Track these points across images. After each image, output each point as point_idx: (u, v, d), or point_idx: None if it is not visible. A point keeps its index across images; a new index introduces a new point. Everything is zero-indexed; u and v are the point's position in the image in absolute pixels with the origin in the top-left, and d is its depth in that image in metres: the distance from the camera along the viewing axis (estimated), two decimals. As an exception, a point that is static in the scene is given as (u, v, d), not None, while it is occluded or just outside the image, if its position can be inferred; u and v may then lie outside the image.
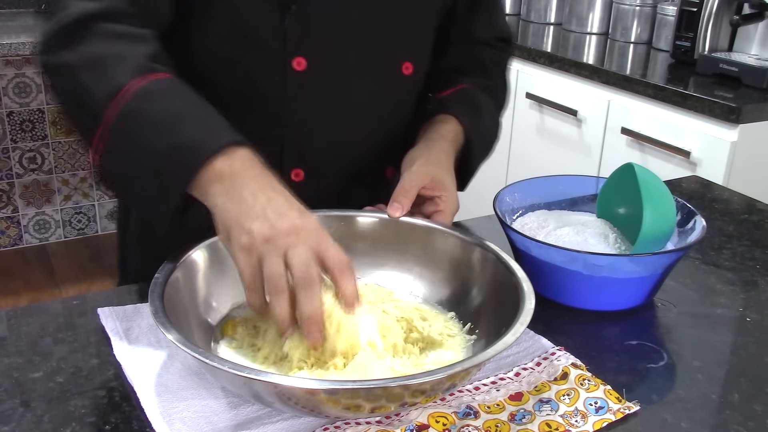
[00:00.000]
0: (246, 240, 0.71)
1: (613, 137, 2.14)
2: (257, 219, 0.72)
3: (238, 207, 0.73)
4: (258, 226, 0.71)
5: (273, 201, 0.74)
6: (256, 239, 0.71)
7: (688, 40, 2.19)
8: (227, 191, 0.74)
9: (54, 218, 3.14)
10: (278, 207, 0.74)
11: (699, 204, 1.24)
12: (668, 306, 0.94)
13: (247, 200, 0.73)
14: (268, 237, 0.71)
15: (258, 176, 0.76)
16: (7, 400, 0.72)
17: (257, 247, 0.71)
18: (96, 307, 0.87)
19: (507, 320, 0.74)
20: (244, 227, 0.72)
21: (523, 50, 2.42)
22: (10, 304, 2.69)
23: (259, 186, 0.75)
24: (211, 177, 0.75)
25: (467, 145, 1.02)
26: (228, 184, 0.74)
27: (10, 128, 2.95)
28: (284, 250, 0.71)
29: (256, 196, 0.74)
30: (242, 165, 0.75)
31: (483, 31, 1.12)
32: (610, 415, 0.72)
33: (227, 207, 0.74)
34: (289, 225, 0.72)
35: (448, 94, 1.06)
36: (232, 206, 0.73)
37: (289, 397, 0.65)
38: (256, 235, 0.71)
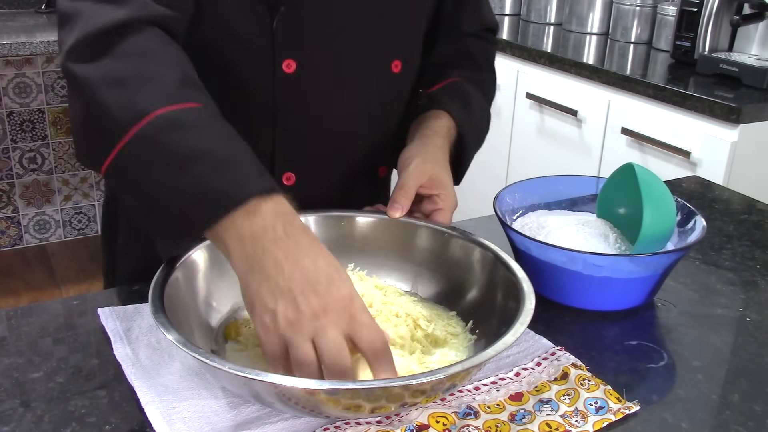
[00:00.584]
0: (269, 321, 0.66)
1: (613, 137, 2.14)
2: (281, 298, 0.66)
3: (260, 280, 0.67)
4: (282, 308, 0.66)
5: (299, 271, 0.67)
6: (280, 323, 0.66)
7: (689, 40, 2.19)
8: (248, 256, 0.68)
9: (54, 218, 3.14)
10: (306, 279, 0.67)
11: (699, 204, 1.24)
12: (668, 306, 0.94)
13: (271, 273, 0.67)
14: (293, 321, 0.65)
15: (283, 237, 0.68)
16: (7, 400, 0.72)
17: (281, 330, 0.66)
18: (96, 307, 0.87)
19: (507, 320, 0.74)
20: (267, 306, 0.66)
21: (524, 50, 2.42)
22: (10, 304, 2.69)
23: (283, 254, 0.67)
24: (231, 234, 0.68)
25: (460, 139, 1.02)
26: (249, 248, 0.68)
27: (10, 128, 2.95)
28: (312, 335, 0.65)
29: (281, 267, 0.67)
30: (264, 223, 0.68)
31: (470, 23, 1.11)
32: (610, 415, 0.72)
33: (248, 277, 0.68)
34: (317, 305, 0.66)
35: (438, 88, 1.06)
36: (253, 278, 0.67)
37: (289, 398, 0.65)
38: (280, 317, 0.66)
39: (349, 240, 0.93)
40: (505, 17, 2.93)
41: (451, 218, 0.94)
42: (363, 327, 0.66)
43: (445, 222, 0.93)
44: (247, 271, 0.68)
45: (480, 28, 1.13)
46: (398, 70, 0.99)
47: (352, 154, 1.02)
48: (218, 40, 0.88)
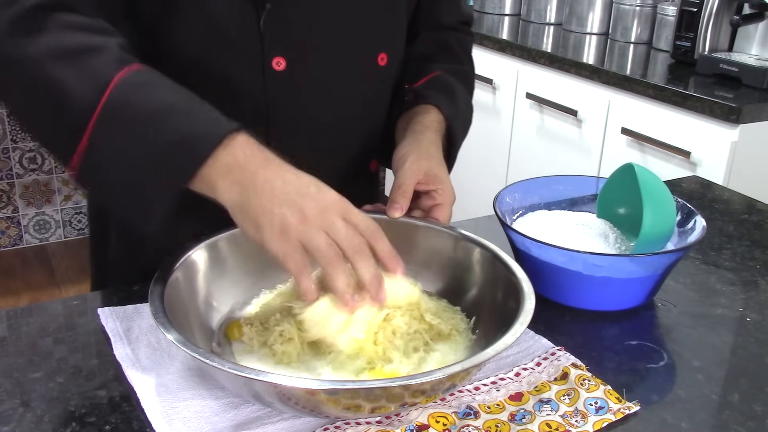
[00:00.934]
0: (280, 225, 0.71)
1: (613, 137, 2.14)
2: (284, 205, 0.72)
3: (258, 197, 0.73)
4: (289, 212, 0.71)
5: (290, 183, 0.74)
6: (292, 225, 0.71)
7: (688, 41, 2.19)
8: (240, 183, 0.73)
9: (54, 218, 3.14)
10: (298, 188, 0.74)
11: (699, 204, 1.24)
12: (668, 306, 0.94)
13: (265, 189, 0.73)
14: (302, 219, 0.71)
15: (264, 162, 0.75)
16: (7, 400, 0.72)
17: (295, 229, 0.71)
18: (96, 307, 0.87)
19: (507, 320, 0.74)
20: (275, 213, 0.72)
21: (523, 50, 2.42)
22: (10, 305, 2.69)
23: (270, 172, 0.74)
24: (218, 171, 0.74)
25: (449, 132, 1.02)
26: (238, 175, 0.73)
27: (10, 128, 2.95)
28: (323, 228, 0.71)
29: (273, 182, 0.73)
30: (245, 153, 0.75)
31: (449, 16, 1.13)
32: (610, 416, 0.72)
33: (247, 199, 0.73)
34: (316, 204, 0.73)
35: (423, 83, 1.06)
36: (252, 197, 0.73)
37: (289, 398, 0.65)
38: (291, 219, 0.71)
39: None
40: (505, 17, 2.93)
41: (451, 212, 0.94)
42: (356, 214, 0.74)
43: (446, 216, 0.93)
44: (242, 196, 0.73)
45: (458, 21, 1.15)
46: (384, 63, 1.00)
47: (344, 148, 1.03)
48: (206, 41, 0.88)
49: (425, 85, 1.06)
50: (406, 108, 1.04)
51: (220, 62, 0.89)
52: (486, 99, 2.60)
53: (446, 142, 1.02)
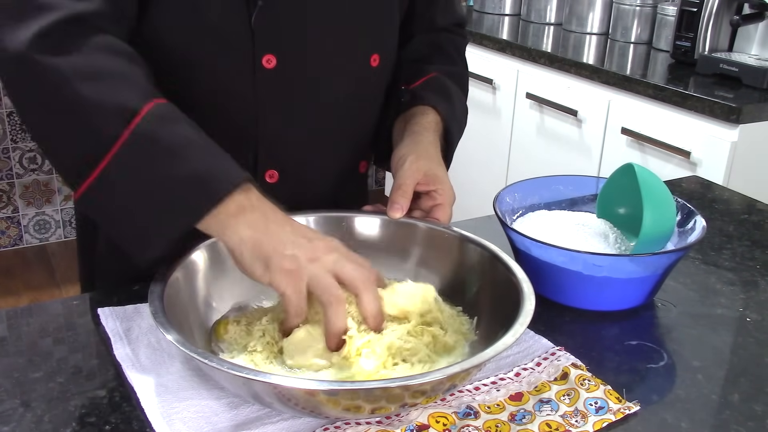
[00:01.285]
0: (290, 264, 0.73)
1: (614, 137, 2.14)
2: (294, 245, 0.74)
3: (269, 237, 0.74)
4: (300, 251, 0.73)
5: (298, 229, 0.77)
6: (301, 261, 0.73)
7: (689, 41, 2.19)
8: (252, 224, 0.75)
9: (54, 218, 3.14)
10: (306, 233, 0.77)
11: (699, 204, 1.24)
12: (668, 306, 0.94)
13: (276, 231, 0.75)
14: (312, 257, 0.74)
15: (274, 209, 0.78)
16: (8, 400, 0.72)
17: (303, 268, 0.73)
18: (96, 307, 0.87)
19: (507, 321, 0.74)
20: (286, 253, 0.73)
21: (523, 50, 2.42)
22: (10, 304, 2.69)
23: (279, 217, 0.77)
24: (231, 210, 0.74)
25: (446, 133, 1.03)
26: (250, 216, 0.75)
27: (10, 128, 2.95)
28: (331, 266, 0.74)
29: (283, 226, 0.76)
30: (258, 198, 0.77)
31: (442, 19, 1.13)
32: (610, 416, 0.72)
33: (258, 238, 0.74)
34: (326, 245, 0.76)
35: (419, 84, 1.06)
36: (263, 237, 0.74)
37: (289, 398, 0.65)
38: (301, 257, 0.73)
39: (349, 240, 0.93)
40: (505, 17, 2.93)
41: (451, 212, 0.94)
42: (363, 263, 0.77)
43: (446, 215, 0.93)
44: (253, 236, 0.74)
45: (452, 23, 1.15)
46: (376, 64, 1.00)
47: (333, 149, 1.03)
48: (196, 36, 0.88)
49: (422, 86, 1.06)
50: (403, 109, 1.04)
51: (210, 58, 0.89)
52: (486, 99, 2.60)
53: (443, 142, 1.02)
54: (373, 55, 0.99)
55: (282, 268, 0.73)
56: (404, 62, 1.08)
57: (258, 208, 0.76)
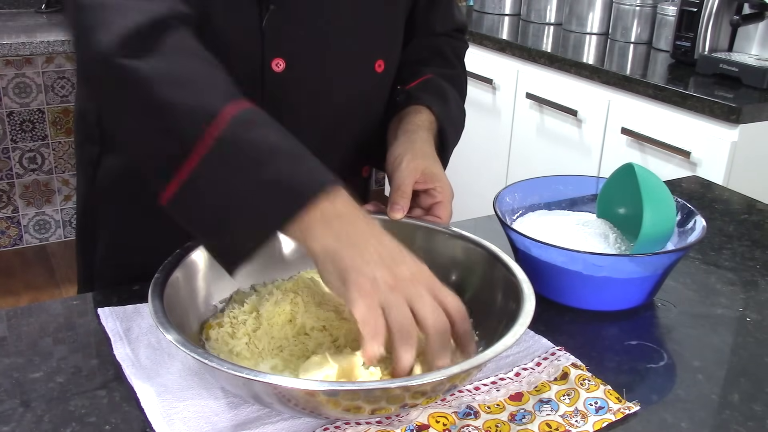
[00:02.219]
0: (369, 286, 0.69)
1: (613, 137, 2.14)
2: (376, 265, 0.70)
3: (350, 250, 0.71)
4: (381, 274, 0.69)
5: (385, 246, 0.73)
6: (381, 286, 0.69)
7: (688, 40, 2.19)
8: (336, 233, 0.71)
9: (54, 218, 3.14)
10: (392, 252, 0.72)
11: (699, 204, 1.24)
12: (668, 306, 0.94)
13: (360, 244, 0.71)
14: (393, 285, 0.69)
15: (362, 218, 0.74)
16: (7, 400, 0.72)
17: (382, 293, 0.69)
18: (96, 307, 0.87)
19: (507, 321, 0.74)
20: (365, 273, 0.69)
21: (523, 50, 2.42)
22: (10, 304, 2.69)
23: (367, 229, 0.73)
24: (317, 217, 0.72)
25: (441, 133, 1.03)
26: (336, 225, 0.72)
27: (10, 128, 2.95)
28: (410, 299, 0.69)
29: (368, 240, 0.72)
30: (344, 206, 0.74)
31: (442, 25, 1.13)
32: (610, 416, 0.72)
33: (339, 250, 0.71)
34: (410, 273, 0.71)
35: (415, 85, 1.06)
36: (347, 249, 0.71)
37: (289, 399, 0.65)
38: (381, 282, 0.69)
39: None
40: (505, 17, 2.93)
41: (451, 209, 0.94)
42: (448, 294, 0.72)
43: (447, 213, 0.93)
44: (336, 245, 0.71)
45: (451, 29, 1.15)
46: (381, 70, 1.00)
47: (338, 153, 1.03)
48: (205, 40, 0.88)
49: (417, 87, 1.06)
50: (397, 109, 1.04)
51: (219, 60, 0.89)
52: (486, 99, 2.60)
53: (438, 143, 1.02)
54: (378, 61, 0.99)
55: (360, 287, 0.69)
56: (402, 64, 1.08)
57: (344, 216, 0.73)
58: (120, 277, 0.94)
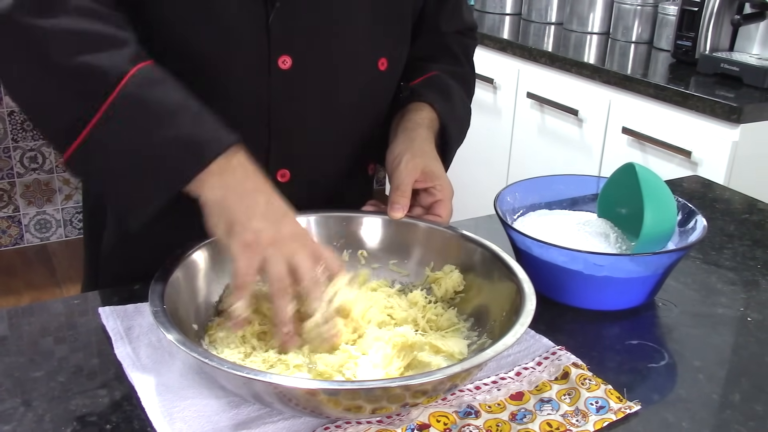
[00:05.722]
0: (251, 238, 0.74)
1: (614, 137, 2.14)
2: (261, 219, 0.74)
3: (239, 203, 0.75)
4: (264, 227, 0.74)
5: (272, 202, 0.77)
6: (262, 240, 0.74)
7: (689, 40, 2.19)
8: (227, 185, 0.76)
9: (55, 218, 3.14)
10: (278, 209, 0.77)
11: (700, 204, 1.24)
12: (669, 306, 0.94)
13: (248, 197, 0.75)
14: (274, 240, 0.74)
15: (254, 174, 0.78)
16: (8, 399, 0.72)
17: (262, 247, 0.73)
18: (97, 307, 0.87)
19: (507, 321, 0.74)
20: (249, 226, 0.74)
21: (524, 50, 2.42)
22: (11, 304, 2.69)
23: (257, 184, 0.77)
24: (213, 170, 0.76)
25: (443, 130, 1.02)
26: (228, 177, 0.76)
27: (11, 128, 2.95)
28: (289, 254, 0.74)
29: (256, 194, 0.76)
30: (240, 162, 0.77)
31: (450, 23, 1.13)
32: (611, 415, 0.72)
33: (229, 202, 0.75)
34: (291, 230, 0.76)
35: (419, 81, 1.06)
36: (234, 201, 0.75)
37: (289, 398, 0.65)
38: (263, 236, 0.74)
39: (349, 239, 0.93)
40: (505, 17, 2.93)
41: (452, 207, 0.94)
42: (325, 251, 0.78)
43: (447, 211, 0.93)
44: (225, 196, 0.75)
45: (460, 27, 1.15)
46: (384, 68, 1.00)
47: (343, 150, 1.03)
48: (212, 38, 0.88)
49: (421, 84, 1.06)
50: (400, 105, 1.04)
51: (225, 58, 0.89)
52: (487, 98, 2.60)
53: (440, 140, 1.02)
54: (381, 59, 0.99)
55: (242, 239, 0.73)
56: (409, 60, 1.08)
57: (238, 169, 0.76)
58: (125, 271, 0.94)
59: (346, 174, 1.05)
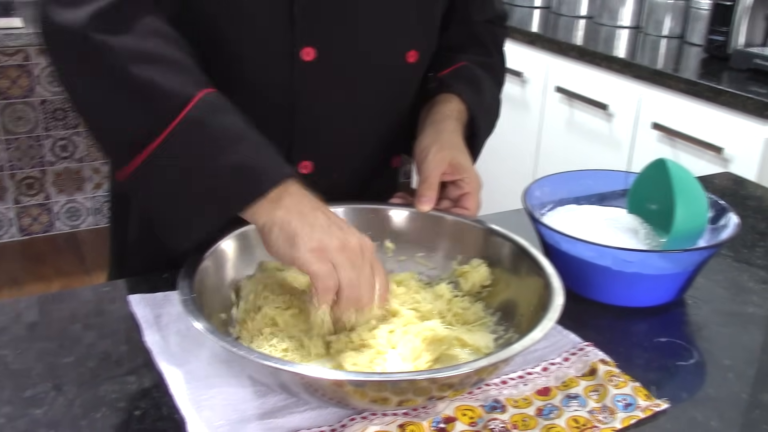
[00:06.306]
0: (317, 245, 0.73)
1: (644, 132, 2.11)
2: (324, 232, 0.74)
3: (300, 219, 0.74)
4: (328, 237, 0.74)
5: (332, 218, 0.77)
6: (329, 247, 0.73)
7: (722, 35, 2.15)
8: (285, 206, 0.75)
9: (85, 206, 3.18)
10: (339, 223, 0.76)
11: (731, 201, 1.22)
12: (699, 303, 0.93)
13: (309, 215, 0.75)
14: (342, 247, 0.73)
15: (311, 198, 0.78)
16: (40, 383, 0.73)
17: (331, 253, 0.73)
18: (126, 294, 0.88)
19: (535, 316, 0.74)
20: (313, 236, 0.73)
21: (554, 43, 2.40)
22: (41, 290, 2.73)
23: (315, 204, 0.77)
24: (269, 198, 0.75)
25: (471, 122, 1.01)
26: (286, 201, 0.76)
27: (43, 116, 2.98)
28: (353, 267, 0.74)
29: (316, 213, 0.76)
30: (295, 189, 0.77)
31: (481, 12, 1.12)
32: (639, 413, 0.72)
33: (289, 220, 0.74)
34: (357, 242, 0.75)
35: (448, 72, 1.05)
36: (294, 218, 0.74)
37: (316, 388, 0.65)
38: (328, 243, 0.73)
39: (376, 232, 0.93)
40: (535, 10, 2.91)
41: (480, 200, 0.94)
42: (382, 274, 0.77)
43: (475, 204, 0.93)
44: (284, 215, 0.74)
45: (490, 17, 1.14)
46: (413, 61, 0.99)
47: (367, 143, 1.02)
48: (235, 30, 0.88)
49: (450, 75, 1.05)
50: (428, 96, 1.03)
51: (248, 49, 0.89)
52: (515, 92, 2.58)
53: (469, 132, 1.01)
54: (410, 52, 0.98)
55: (308, 247, 0.73)
56: (437, 50, 1.07)
57: (294, 195, 0.76)
58: (150, 261, 0.95)
59: (370, 167, 1.04)
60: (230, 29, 0.88)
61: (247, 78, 0.90)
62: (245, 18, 0.88)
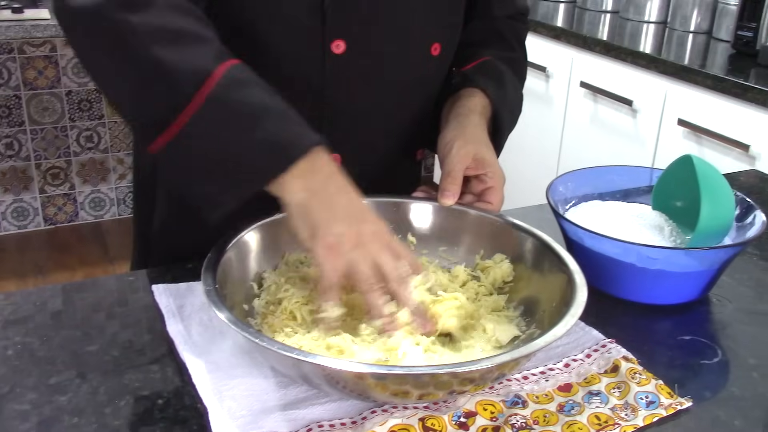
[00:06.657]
0: (333, 242, 0.75)
1: (670, 129, 2.09)
2: (343, 222, 0.76)
3: (321, 206, 0.76)
4: (345, 229, 0.75)
5: (353, 202, 0.78)
6: (345, 243, 0.75)
7: (751, 30, 2.12)
8: (309, 188, 0.76)
9: (109, 196, 3.21)
10: (359, 209, 0.78)
11: (758, 199, 1.21)
12: (723, 302, 0.92)
13: (332, 200, 0.77)
14: (356, 242, 0.75)
15: (336, 175, 0.79)
16: (65, 371, 0.74)
17: (346, 250, 0.75)
18: (149, 284, 0.88)
19: (558, 311, 0.73)
20: (331, 230, 0.75)
21: (579, 38, 2.38)
22: (65, 279, 2.76)
23: (339, 185, 0.78)
24: (294, 173, 0.76)
25: (495, 117, 1.01)
26: (310, 180, 0.77)
27: (68, 107, 3.01)
28: (372, 254, 0.76)
29: (338, 195, 0.77)
30: (322, 162, 0.78)
31: (503, 8, 1.12)
32: (661, 410, 0.71)
33: (311, 205, 0.76)
34: (372, 229, 0.77)
35: (471, 67, 1.05)
36: (316, 204, 0.76)
37: (337, 380, 0.65)
38: (345, 239, 0.75)
39: (401, 225, 0.93)
40: (560, 4, 2.88)
41: (503, 195, 0.94)
42: (404, 248, 0.80)
43: (498, 199, 0.93)
44: (308, 199, 0.76)
45: (512, 12, 1.14)
46: (437, 53, 0.99)
47: (392, 135, 1.03)
48: (265, 23, 0.88)
49: (473, 69, 1.05)
50: (452, 91, 1.03)
51: (279, 41, 0.90)
52: (539, 87, 2.57)
53: (492, 127, 1.01)
54: (434, 45, 0.98)
55: (325, 243, 0.75)
56: (460, 45, 1.07)
57: (320, 171, 0.77)
58: (174, 251, 0.95)
59: (394, 159, 1.05)
60: (260, 22, 0.88)
61: (277, 70, 0.90)
62: (276, 10, 0.88)
